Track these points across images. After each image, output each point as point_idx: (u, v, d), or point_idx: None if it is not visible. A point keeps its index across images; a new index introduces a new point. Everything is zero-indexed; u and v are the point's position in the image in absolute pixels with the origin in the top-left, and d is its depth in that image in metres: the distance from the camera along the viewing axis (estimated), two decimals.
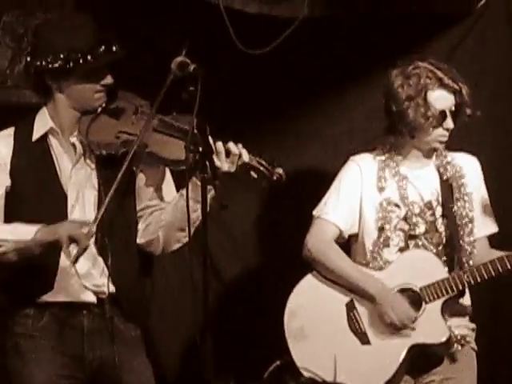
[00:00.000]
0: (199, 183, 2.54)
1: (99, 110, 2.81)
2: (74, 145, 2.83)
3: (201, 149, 2.51)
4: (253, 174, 2.71)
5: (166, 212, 2.82)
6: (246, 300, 3.79)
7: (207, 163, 2.51)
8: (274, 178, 2.70)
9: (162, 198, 2.88)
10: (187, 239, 2.58)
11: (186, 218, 2.49)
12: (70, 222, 2.71)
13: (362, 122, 3.86)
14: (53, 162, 2.83)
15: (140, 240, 2.86)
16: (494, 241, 3.24)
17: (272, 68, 3.76)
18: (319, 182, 3.26)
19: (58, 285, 2.77)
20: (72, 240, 2.62)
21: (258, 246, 3.88)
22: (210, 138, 2.60)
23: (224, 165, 2.70)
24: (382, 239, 3.09)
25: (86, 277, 2.79)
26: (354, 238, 3.19)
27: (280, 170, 2.68)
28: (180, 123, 2.72)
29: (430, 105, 3.07)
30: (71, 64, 2.73)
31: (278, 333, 3.11)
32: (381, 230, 3.10)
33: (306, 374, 3.07)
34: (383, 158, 3.17)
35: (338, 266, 3.09)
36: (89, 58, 2.73)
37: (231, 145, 2.69)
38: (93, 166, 2.83)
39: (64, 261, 2.75)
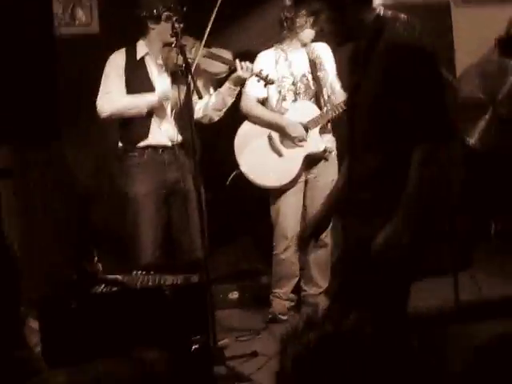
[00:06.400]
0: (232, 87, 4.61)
1: (172, 45, 4.39)
2: (160, 65, 4.61)
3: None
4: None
5: (211, 100, 4.67)
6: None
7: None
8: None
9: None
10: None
11: (223, 103, 4.63)
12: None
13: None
14: (147, 73, 4.66)
15: (197, 115, 4.65)
16: None
17: None
18: None
19: (150, 135, 4.58)
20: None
21: None
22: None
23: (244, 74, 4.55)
24: (281, 97, 4.82)
25: (166, 132, 4.61)
26: (265, 100, 4.90)
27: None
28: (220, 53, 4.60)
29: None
30: (160, 13, 4.47)
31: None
32: (279, 92, 4.82)
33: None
34: (277, 49, 4.86)
35: (261, 114, 4.86)
36: (168, 13, 4.45)
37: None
38: (169, 76, 4.63)
39: (154, 121, 4.60)
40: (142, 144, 4.56)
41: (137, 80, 4.58)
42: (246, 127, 4.89)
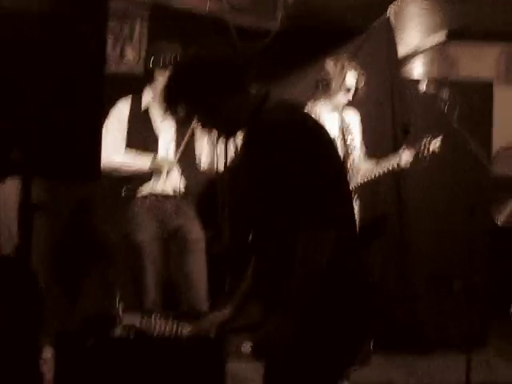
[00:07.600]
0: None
1: None
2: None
3: None
4: None
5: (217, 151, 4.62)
6: None
7: None
8: None
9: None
10: None
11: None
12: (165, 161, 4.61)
13: None
14: (151, 121, 4.68)
15: (204, 166, 4.70)
16: None
17: None
18: None
19: (154, 185, 4.62)
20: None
21: None
22: None
23: None
24: None
25: (170, 180, 4.64)
26: None
27: None
28: None
29: None
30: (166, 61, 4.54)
31: None
32: None
33: None
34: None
35: None
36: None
37: None
38: (173, 124, 4.66)
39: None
40: (144, 193, 4.63)
41: (140, 129, 4.65)
42: None
